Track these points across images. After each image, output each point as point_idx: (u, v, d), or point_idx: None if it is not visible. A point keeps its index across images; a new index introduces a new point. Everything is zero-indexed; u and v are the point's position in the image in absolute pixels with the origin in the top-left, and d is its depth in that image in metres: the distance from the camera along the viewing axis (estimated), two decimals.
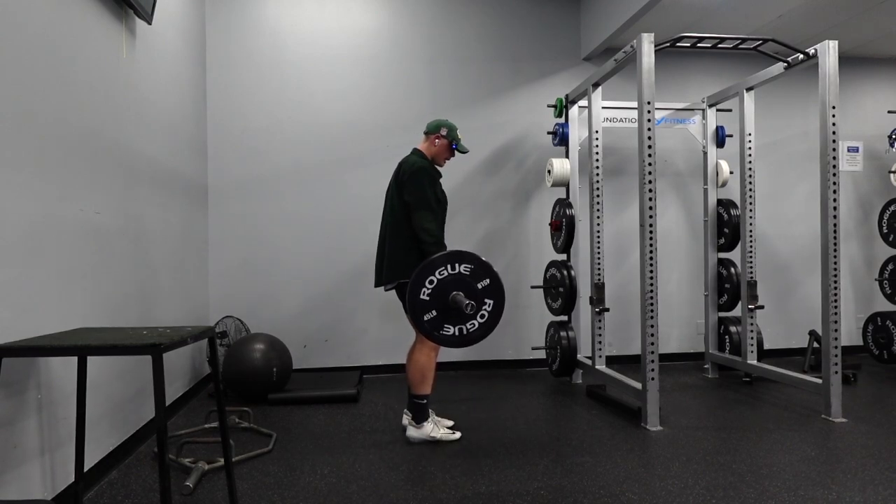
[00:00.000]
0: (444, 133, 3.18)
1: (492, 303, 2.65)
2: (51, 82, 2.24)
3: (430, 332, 2.64)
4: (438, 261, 2.64)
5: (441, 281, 2.60)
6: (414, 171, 3.01)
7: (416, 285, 2.61)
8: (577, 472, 2.65)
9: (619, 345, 5.05)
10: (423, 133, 3.25)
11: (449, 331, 2.63)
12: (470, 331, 2.64)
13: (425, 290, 2.61)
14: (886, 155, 5.49)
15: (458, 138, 3.21)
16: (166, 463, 1.70)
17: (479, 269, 2.64)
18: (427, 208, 2.96)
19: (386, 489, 2.49)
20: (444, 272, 2.60)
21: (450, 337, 2.64)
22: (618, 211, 5.09)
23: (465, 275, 2.62)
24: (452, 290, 2.62)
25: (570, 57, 5.08)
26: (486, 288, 2.64)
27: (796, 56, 3.72)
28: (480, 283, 2.63)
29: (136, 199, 3.08)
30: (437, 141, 3.18)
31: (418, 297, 2.60)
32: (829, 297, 3.45)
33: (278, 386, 3.91)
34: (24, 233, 2.05)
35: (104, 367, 2.64)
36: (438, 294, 2.61)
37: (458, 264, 2.62)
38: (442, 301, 2.61)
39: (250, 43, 4.67)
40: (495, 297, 2.65)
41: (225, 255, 4.62)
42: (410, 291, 2.62)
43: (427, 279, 2.61)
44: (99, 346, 1.74)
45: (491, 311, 2.65)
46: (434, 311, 2.60)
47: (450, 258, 2.64)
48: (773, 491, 2.42)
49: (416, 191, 2.98)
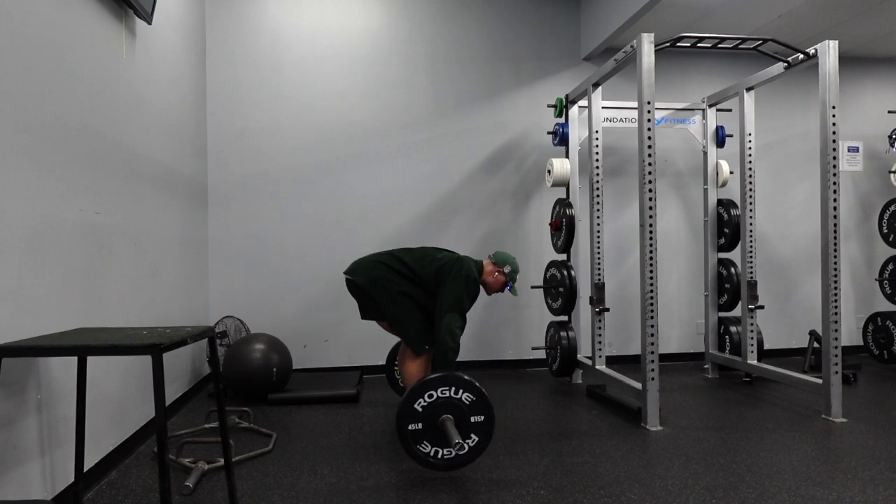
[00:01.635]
0: (507, 271, 3.23)
1: (476, 441, 2.61)
2: (51, 82, 2.24)
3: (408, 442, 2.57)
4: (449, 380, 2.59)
5: (440, 398, 2.57)
6: (468, 278, 3.02)
7: (416, 392, 2.57)
8: (577, 472, 2.65)
9: (619, 345, 5.05)
10: (490, 256, 3.27)
11: (425, 448, 2.58)
12: (445, 457, 2.59)
13: (422, 401, 2.56)
14: (886, 155, 5.49)
15: (516, 281, 3.27)
16: (166, 463, 1.70)
17: (479, 404, 2.60)
18: (461, 314, 2.98)
19: (386, 489, 2.49)
20: (446, 392, 2.57)
21: (423, 455, 2.58)
22: (618, 211, 5.09)
23: (464, 403, 2.59)
24: (446, 412, 2.57)
25: (570, 57, 5.08)
26: (478, 424, 2.60)
27: (796, 56, 3.72)
28: (474, 418, 2.60)
29: (136, 199, 3.08)
30: (497, 274, 3.22)
31: (412, 404, 2.56)
32: (829, 297, 3.45)
33: (278, 386, 3.91)
34: (24, 233, 2.05)
35: (104, 367, 2.64)
36: (432, 410, 2.56)
37: (463, 392, 2.59)
38: (431, 418, 2.56)
39: (250, 43, 4.67)
40: (482, 436, 2.61)
41: (225, 255, 4.62)
42: (408, 395, 2.59)
43: (429, 392, 2.57)
44: (99, 346, 1.74)
45: (473, 447, 2.61)
46: (420, 424, 2.56)
47: (460, 383, 2.59)
48: (773, 491, 2.42)
49: (460, 295, 2.98)
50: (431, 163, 4.88)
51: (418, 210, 4.83)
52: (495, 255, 3.26)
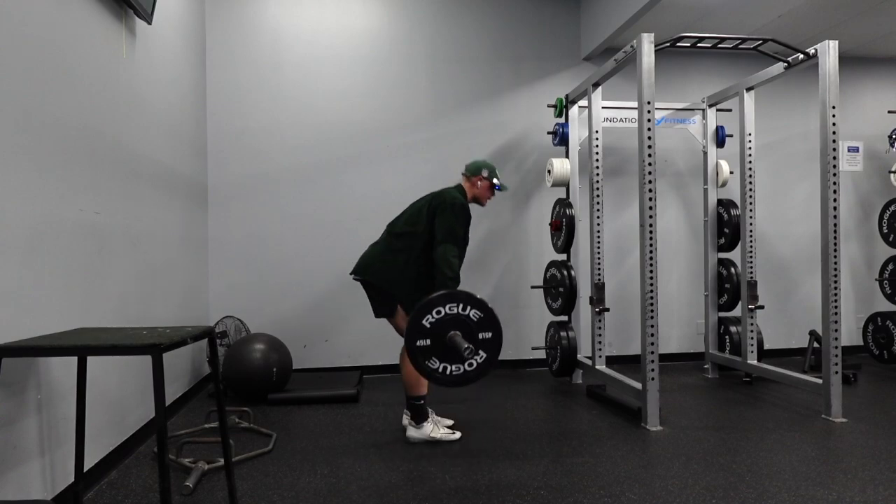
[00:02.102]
0: (486, 174, 3.25)
1: (484, 357, 2.62)
2: (51, 82, 2.24)
3: (416, 356, 2.60)
4: (456, 296, 2.61)
5: (448, 315, 2.58)
6: (453, 205, 3.04)
7: (423, 308, 2.58)
8: (577, 472, 2.65)
9: (619, 345, 5.05)
10: (463, 174, 3.30)
11: (434, 364, 2.59)
12: (453, 373, 2.60)
13: (430, 317, 2.57)
14: (886, 155, 5.49)
15: (498, 177, 3.28)
16: (166, 463, 1.70)
17: (487, 321, 2.61)
18: (455, 243, 2.99)
19: (386, 489, 2.49)
20: (454, 308, 2.57)
21: (432, 370, 2.59)
22: (618, 211, 5.09)
23: (472, 320, 2.59)
24: (454, 328, 2.58)
25: (570, 57, 5.08)
26: (486, 341, 2.61)
27: (796, 56, 3.72)
28: (482, 334, 2.60)
29: (136, 199, 3.08)
30: (479, 182, 3.25)
31: (420, 320, 2.57)
32: (829, 297, 3.45)
33: (278, 386, 3.91)
34: (24, 233, 2.05)
35: (104, 367, 2.64)
36: (440, 326, 2.58)
37: (471, 308, 2.60)
38: (440, 334, 2.58)
39: (250, 43, 4.67)
40: (490, 352, 2.62)
41: (225, 255, 4.62)
42: (416, 311, 2.60)
43: (436, 308, 2.58)
44: (99, 346, 1.74)
45: (481, 362, 2.62)
46: (429, 340, 2.57)
47: (468, 299, 2.60)
48: (773, 491, 2.42)
49: (449, 224, 3.01)
50: (431, 163, 4.87)
51: None
52: (466, 169, 3.28)
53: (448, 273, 2.90)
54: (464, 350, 2.45)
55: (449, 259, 2.93)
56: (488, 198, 3.31)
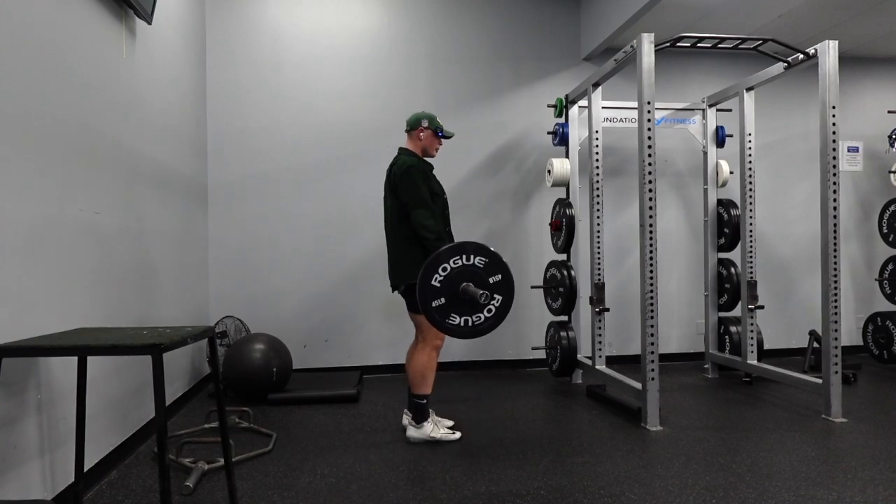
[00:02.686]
0: (426, 124, 3.21)
1: (501, 299, 2.63)
2: (51, 82, 2.24)
3: (437, 318, 2.61)
4: (460, 248, 2.61)
5: (454, 269, 2.58)
6: (405, 171, 3.03)
7: (428, 271, 2.58)
8: (577, 472, 2.65)
9: (619, 345, 5.05)
10: (406, 132, 3.27)
11: (455, 320, 2.61)
12: (476, 323, 2.62)
13: (437, 276, 2.58)
14: (886, 155, 5.49)
15: (440, 125, 3.24)
16: (166, 463, 1.70)
17: (492, 264, 2.62)
18: (423, 205, 2.98)
19: (386, 489, 2.49)
20: (458, 262, 2.58)
21: (455, 326, 2.61)
22: (618, 211, 5.09)
23: (478, 267, 2.60)
24: (464, 280, 2.59)
25: (570, 57, 5.08)
26: (497, 283, 2.62)
27: (796, 56, 3.72)
28: (492, 278, 2.61)
29: (136, 199, 3.08)
30: (421, 135, 3.21)
31: (429, 282, 2.57)
32: (829, 297, 3.45)
33: (278, 386, 3.91)
34: (24, 233, 2.05)
35: (104, 367, 2.64)
36: (449, 282, 2.58)
37: (474, 256, 2.60)
38: (452, 290, 2.59)
39: (250, 43, 4.67)
40: (505, 293, 2.63)
41: (225, 255, 4.62)
42: (422, 276, 2.60)
43: (441, 266, 2.58)
44: (99, 346, 1.74)
45: (499, 306, 2.63)
46: (443, 298, 2.58)
47: (470, 248, 2.62)
48: (773, 491, 2.42)
49: (409, 190, 3.00)
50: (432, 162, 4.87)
51: None
52: (406, 124, 3.25)
53: (429, 236, 2.90)
54: (480, 297, 2.47)
55: (423, 223, 2.92)
56: (436, 147, 3.25)
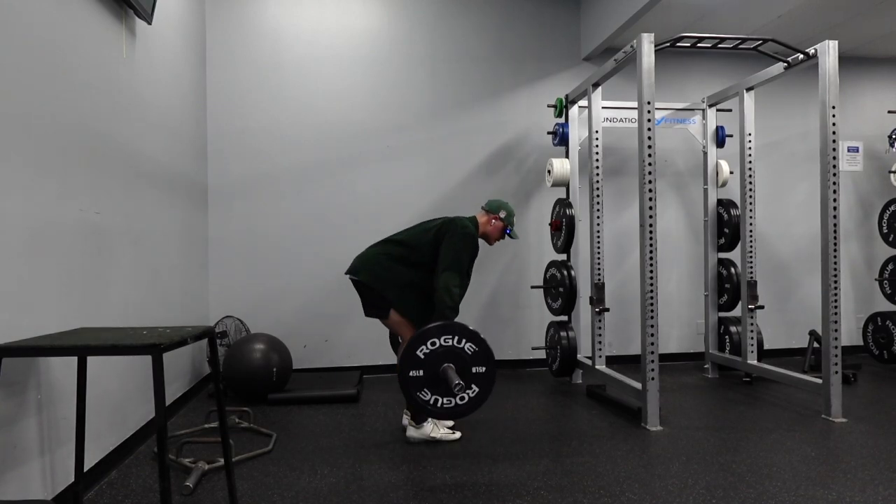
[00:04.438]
0: (503, 216, 3.25)
1: (477, 391, 2.60)
2: (51, 82, 2.24)
3: (409, 390, 2.58)
4: (451, 328, 2.60)
5: (442, 347, 2.57)
6: (464, 235, 3.02)
7: (417, 340, 2.57)
8: (577, 472, 2.65)
9: (619, 345, 5.05)
10: (483, 208, 3.29)
11: (426, 396, 2.58)
12: (444, 405, 2.59)
13: (424, 348, 2.56)
14: (886, 155, 5.49)
15: (512, 224, 3.28)
16: (166, 463, 1.70)
17: (481, 355, 2.60)
18: (459, 272, 2.96)
19: (386, 489, 2.49)
20: (448, 340, 2.56)
21: (425, 402, 2.58)
22: (618, 211, 5.09)
23: (466, 353, 2.58)
24: (447, 360, 2.56)
25: (570, 57, 5.08)
26: (479, 375, 2.60)
27: (796, 56, 3.72)
28: (475, 368, 2.59)
29: (136, 199, 3.08)
30: (493, 221, 3.24)
31: (414, 352, 2.56)
32: (829, 297, 3.45)
33: (278, 386, 3.91)
34: (24, 233, 2.05)
35: (104, 367, 2.64)
36: (433, 358, 2.56)
37: (466, 341, 2.58)
38: (433, 366, 2.56)
39: (250, 43, 4.67)
40: (483, 386, 2.61)
41: (225, 255, 4.62)
42: (409, 344, 2.59)
43: (430, 340, 2.57)
44: (99, 346, 1.74)
45: (473, 397, 2.60)
46: (422, 371, 2.56)
47: (463, 332, 2.59)
48: (773, 491, 2.42)
49: (456, 252, 2.97)
50: (431, 163, 4.88)
51: (418, 210, 4.83)
52: (488, 204, 3.27)
53: (448, 302, 2.87)
54: (454, 385, 2.43)
55: (451, 288, 2.89)
56: (497, 238, 3.28)
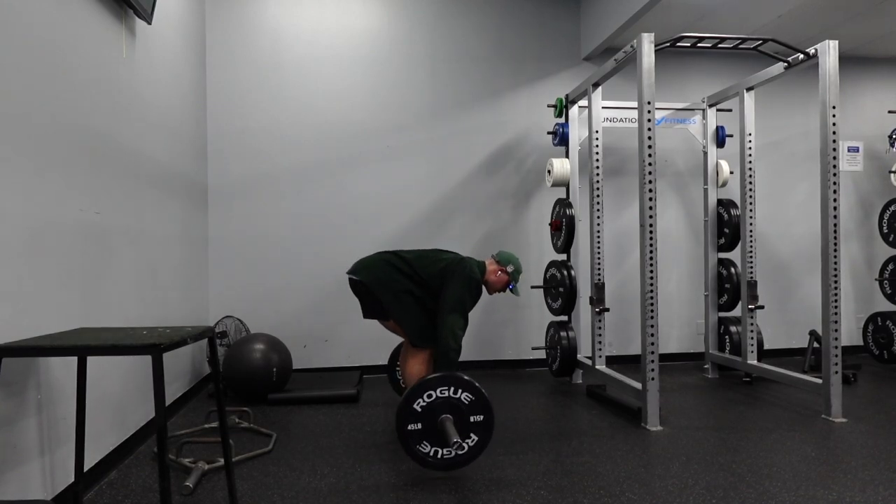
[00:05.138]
0: (510, 270, 3.23)
1: (476, 440, 2.62)
2: (51, 82, 2.24)
3: (408, 443, 2.59)
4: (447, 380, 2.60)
5: (439, 398, 2.58)
6: (471, 279, 3.03)
7: (414, 393, 2.58)
8: (577, 472, 2.65)
9: (619, 345, 5.05)
10: (493, 256, 3.28)
11: (425, 448, 2.59)
12: (444, 457, 2.60)
13: (421, 401, 2.57)
14: (886, 155, 5.49)
15: (517, 281, 3.27)
16: (166, 463, 1.70)
17: (478, 404, 2.61)
18: (463, 315, 2.97)
19: (386, 489, 2.49)
20: (445, 392, 2.58)
21: (425, 455, 2.59)
22: (618, 211, 5.09)
23: (464, 403, 2.59)
24: (445, 412, 2.58)
25: (570, 57, 5.08)
26: (477, 423, 2.61)
27: (796, 56, 3.72)
28: (473, 417, 2.60)
29: (136, 199, 3.08)
30: (498, 273, 3.23)
31: (411, 405, 2.57)
32: (829, 297, 3.45)
33: (278, 386, 3.91)
34: (24, 233, 2.05)
35: (104, 367, 2.64)
36: (430, 410, 2.57)
37: (462, 391, 2.59)
38: (430, 418, 2.57)
39: (250, 43, 4.67)
40: (482, 435, 2.62)
41: (225, 255, 4.62)
42: (407, 396, 2.60)
43: (427, 392, 2.58)
44: (99, 346, 1.74)
45: (473, 446, 2.62)
46: (419, 424, 2.57)
47: (460, 383, 2.60)
48: (773, 491, 2.42)
49: (462, 296, 2.98)
50: (431, 163, 4.88)
51: (418, 210, 4.83)
52: (499, 254, 3.27)
53: (452, 345, 2.89)
54: (452, 443, 2.44)
55: (455, 331, 2.91)
56: (497, 290, 3.27)
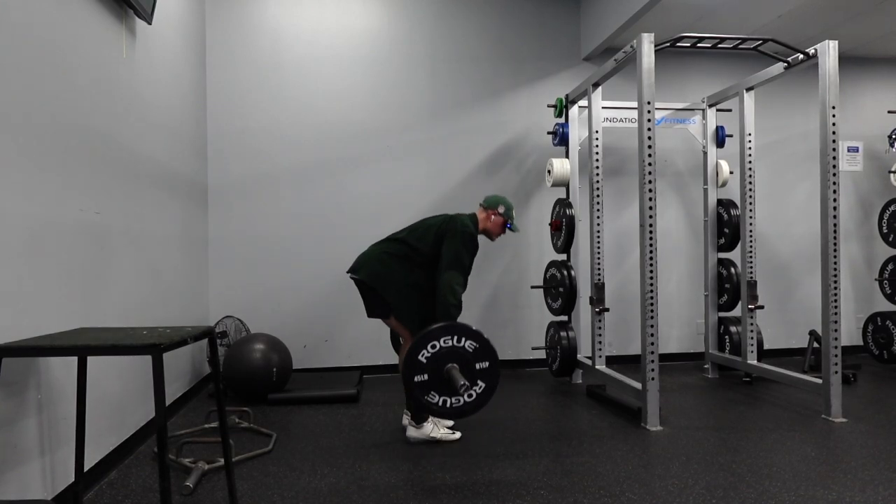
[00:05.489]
0: (502, 211, 3.24)
1: (483, 387, 2.63)
2: (51, 82, 2.24)
3: (415, 391, 2.60)
4: (451, 329, 2.61)
5: (443, 349, 2.59)
6: (464, 234, 3.03)
7: (418, 344, 2.59)
8: (577, 472, 2.65)
9: (619, 345, 5.05)
10: (480, 204, 3.29)
11: (434, 398, 2.60)
12: (454, 405, 2.61)
13: (425, 352, 2.58)
14: (886, 155, 5.49)
15: (513, 217, 3.28)
16: (166, 463, 1.70)
17: (482, 351, 2.62)
18: (461, 271, 2.98)
19: (386, 489, 2.49)
20: (448, 341, 2.58)
21: (432, 404, 2.60)
22: (618, 211, 5.09)
23: (467, 351, 2.60)
24: (450, 360, 2.58)
25: (570, 57, 5.08)
26: (483, 371, 2.62)
27: (796, 56, 3.72)
28: (479, 364, 2.61)
29: (136, 199, 3.08)
30: (492, 217, 3.24)
31: (416, 356, 2.58)
32: (829, 297, 3.45)
33: (278, 386, 3.91)
34: (24, 233, 2.05)
35: (104, 367, 2.64)
36: (435, 360, 2.58)
37: (465, 339, 2.60)
38: (436, 368, 2.58)
39: (250, 43, 4.67)
40: (489, 381, 2.63)
41: (225, 255, 4.62)
42: (411, 349, 2.61)
43: (430, 343, 2.58)
44: (99, 346, 1.74)
45: (480, 393, 2.62)
46: (426, 374, 2.58)
47: (463, 331, 2.61)
48: (773, 491, 2.42)
49: (456, 251, 2.99)
50: (431, 163, 4.88)
51: (418, 210, 4.82)
52: (485, 200, 3.28)
53: (451, 300, 2.90)
54: (459, 386, 2.46)
55: (454, 287, 2.92)
56: (499, 234, 3.29)
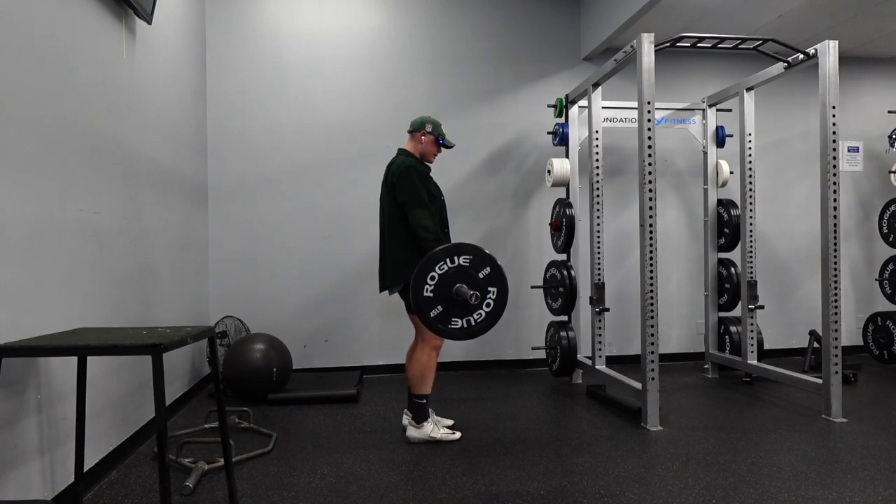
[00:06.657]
0: (430, 129, 3.21)
1: (495, 290, 2.65)
2: (51, 82, 2.24)
3: (438, 327, 2.64)
4: (438, 255, 2.64)
5: (442, 275, 2.61)
6: (403, 171, 3.03)
7: (417, 282, 2.61)
8: (577, 472, 2.65)
9: (619, 345, 5.05)
10: (408, 132, 3.28)
11: (456, 324, 2.63)
12: (477, 321, 2.64)
13: (427, 286, 2.61)
14: (886, 155, 5.49)
15: (443, 133, 3.24)
16: (166, 463, 1.70)
17: (478, 259, 2.64)
18: (421, 206, 2.97)
19: (386, 489, 2.49)
20: (444, 266, 2.61)
21: (458, 330, 2.63)
22: (618, 211, 5.09)
23: (465, 266, 2.62)
24: (455, 282, 2.61)
25: (570, 57, 5.08)
26: (488, 276, 2.64)
27: (796, 56, 3.72)
28: (481, 273, 2.64)
29: (136, 199, 3.08)
30: (423, 138, 3.21)
31: (422, 293, 2.60)
32: (829, 297, 3.45)
33: (278, 386, 3.91)
34: (24, 233, 2.05)
35: (104, 367, 2.64)
36: (441, 288, 2.61)
37: (457, 257, 2.63)
38: (446, 295, 2.62)
39: (250, 43, 4.67)
40: (498, 284, 2.65)
41: (225, 255, 4.62)
42: (413, 289, 2.63)
43: (428, 275, 2.61)
44: (99, 346, 1.74)
45: (496, 298, 2.65)
46: (439, 306, 2.61)
47: (448, 252, 2.64)
48: (773, 491, 2.42)
49: (408, 190, 2.99)
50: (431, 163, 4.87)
51: None
52: (410, 125, 3.25)
53: (426, 236, 2.90)
54: (470, 298, 2.50)
55: (421, 223, 2.92)
56: (435, 153, 3.25)
